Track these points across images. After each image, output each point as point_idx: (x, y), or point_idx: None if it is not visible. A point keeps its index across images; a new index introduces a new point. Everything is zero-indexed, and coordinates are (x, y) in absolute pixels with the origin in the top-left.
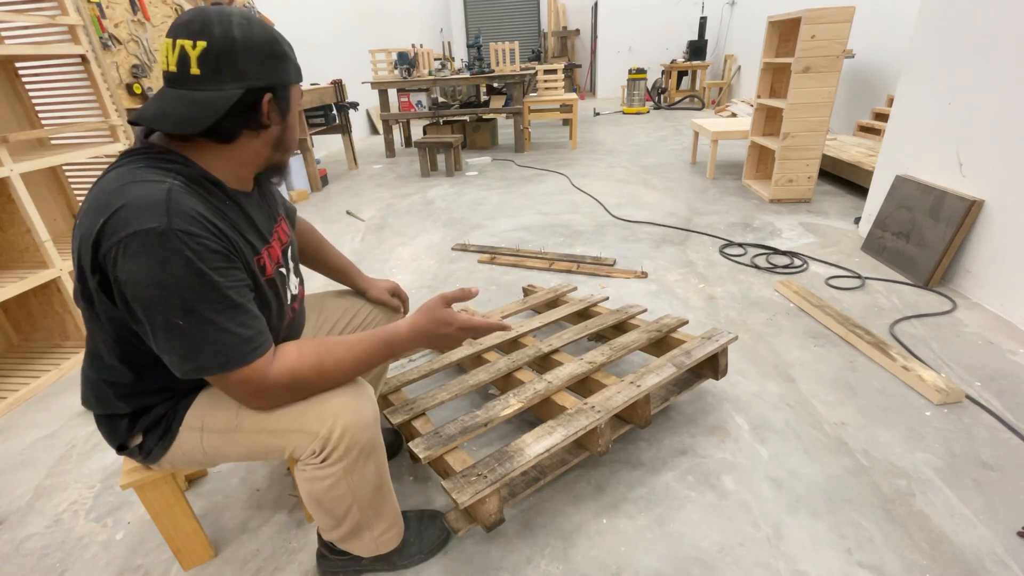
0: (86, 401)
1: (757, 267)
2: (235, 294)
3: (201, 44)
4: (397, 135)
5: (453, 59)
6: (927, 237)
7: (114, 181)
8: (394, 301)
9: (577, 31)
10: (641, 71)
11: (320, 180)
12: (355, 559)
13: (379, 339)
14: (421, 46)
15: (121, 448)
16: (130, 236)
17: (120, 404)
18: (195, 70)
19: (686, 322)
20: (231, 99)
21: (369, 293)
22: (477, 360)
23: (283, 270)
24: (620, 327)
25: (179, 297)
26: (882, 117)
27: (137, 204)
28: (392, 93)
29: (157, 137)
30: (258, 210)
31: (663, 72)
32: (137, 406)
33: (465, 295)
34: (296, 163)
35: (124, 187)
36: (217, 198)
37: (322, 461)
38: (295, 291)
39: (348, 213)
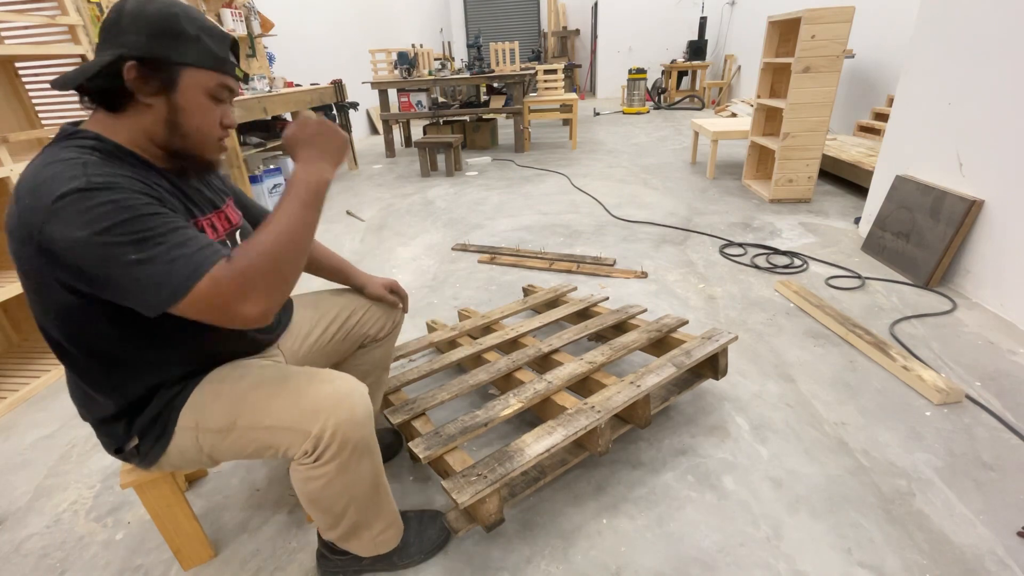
0: (79, 411)
1: (757, 267)
2: (172, 218)
3: (106, 16)
4: (397, 135)
5: (453, 59)
6: (927, 237)
7: (30, 170)
8: (391, 297)
9: (577, 31)
10: (641, 71)
11: None
12: (355, 559)
13: (291, 183)
14: (421, 46)
15: (118, 452)
16: (55, 201)
17: (103, 400)
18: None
19: (686, 322)
20: (101, 63)
21: (366, 289)
22: (477, 360)
23: (228, 243)
24: (620, 327)
25: (123, 234)
26: (882, 117)
27: (55, 176)
28: (392, 93)
29: (88, 120)
30: (192, 188)
31: (663, 72)
32: (121, 402)
33: None
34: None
35: (39, 169)
36: (137, 168)
37: (315, 460)
38: None
39: (348, 213)
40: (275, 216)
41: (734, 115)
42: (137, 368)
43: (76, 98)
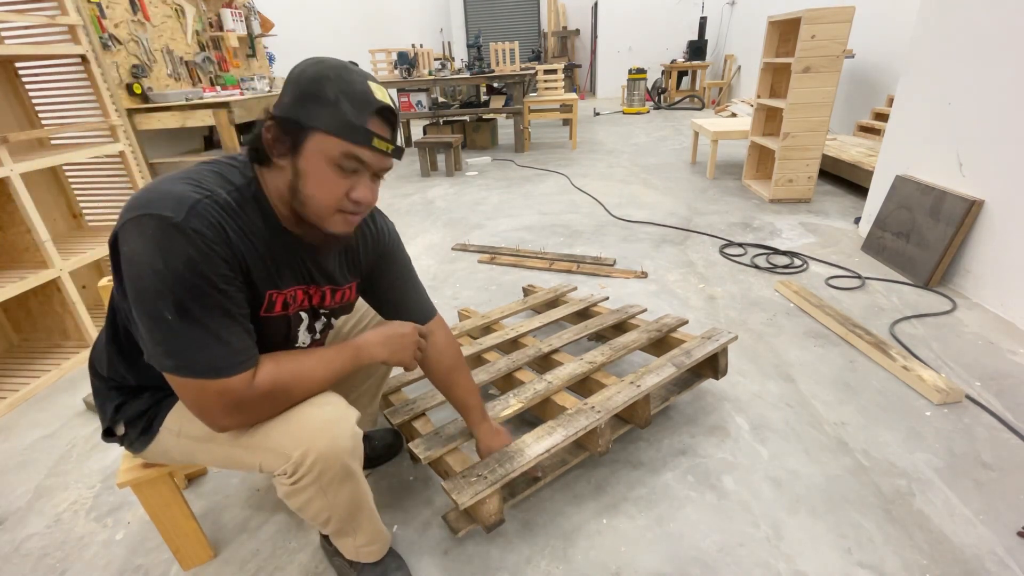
0: (89, 364)
1: (757, 267)
2: (231, 303)
3: None
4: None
5: (453, 59)
6: (927, 237)
7: (174, 173)
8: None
9: (577, 31)
10: (641, 71)
11: None
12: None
13: (348, 344)
14: (421, 46)
15: (107, 433)
16: (142, 216)
17: (117, 366)
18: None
19: (686, 322)
20: (262, 119)
21: (479, 443)
22: (477, 360)
23: (303, 314)
24: (620, 327)
25: (173, 292)
26: (882, 117)
27: (167, 195)
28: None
29: None
30: (311, 259)
31: (663, 72)
32: (131, 378)
33: None
34: None
35: (174, 179)
36: (253, 221)
37: (293, 483)
38: (305, 340)
39: None
40: (323, 356)
41: (734, 115)
42: (143, 375)
43: (75, 99)
